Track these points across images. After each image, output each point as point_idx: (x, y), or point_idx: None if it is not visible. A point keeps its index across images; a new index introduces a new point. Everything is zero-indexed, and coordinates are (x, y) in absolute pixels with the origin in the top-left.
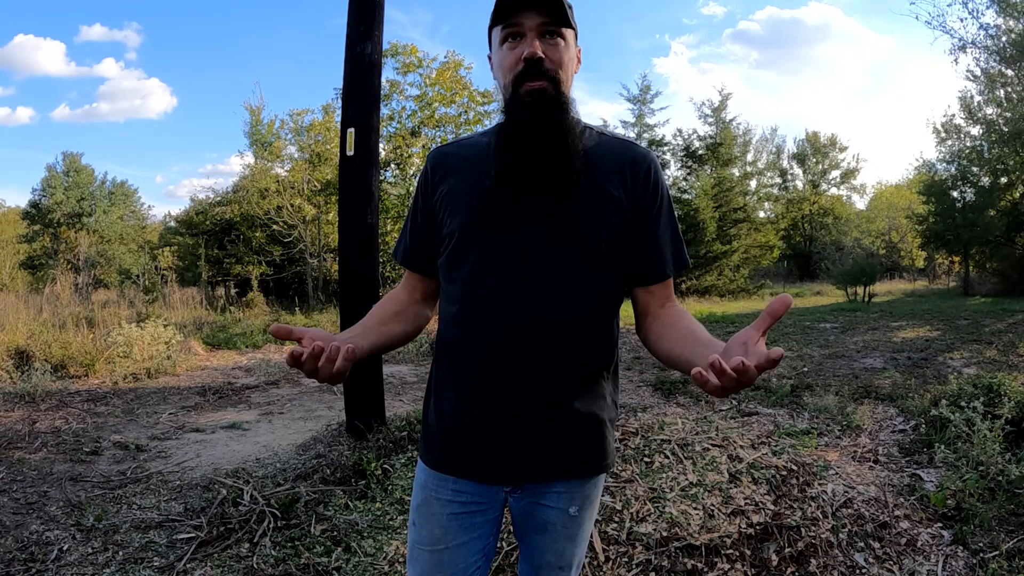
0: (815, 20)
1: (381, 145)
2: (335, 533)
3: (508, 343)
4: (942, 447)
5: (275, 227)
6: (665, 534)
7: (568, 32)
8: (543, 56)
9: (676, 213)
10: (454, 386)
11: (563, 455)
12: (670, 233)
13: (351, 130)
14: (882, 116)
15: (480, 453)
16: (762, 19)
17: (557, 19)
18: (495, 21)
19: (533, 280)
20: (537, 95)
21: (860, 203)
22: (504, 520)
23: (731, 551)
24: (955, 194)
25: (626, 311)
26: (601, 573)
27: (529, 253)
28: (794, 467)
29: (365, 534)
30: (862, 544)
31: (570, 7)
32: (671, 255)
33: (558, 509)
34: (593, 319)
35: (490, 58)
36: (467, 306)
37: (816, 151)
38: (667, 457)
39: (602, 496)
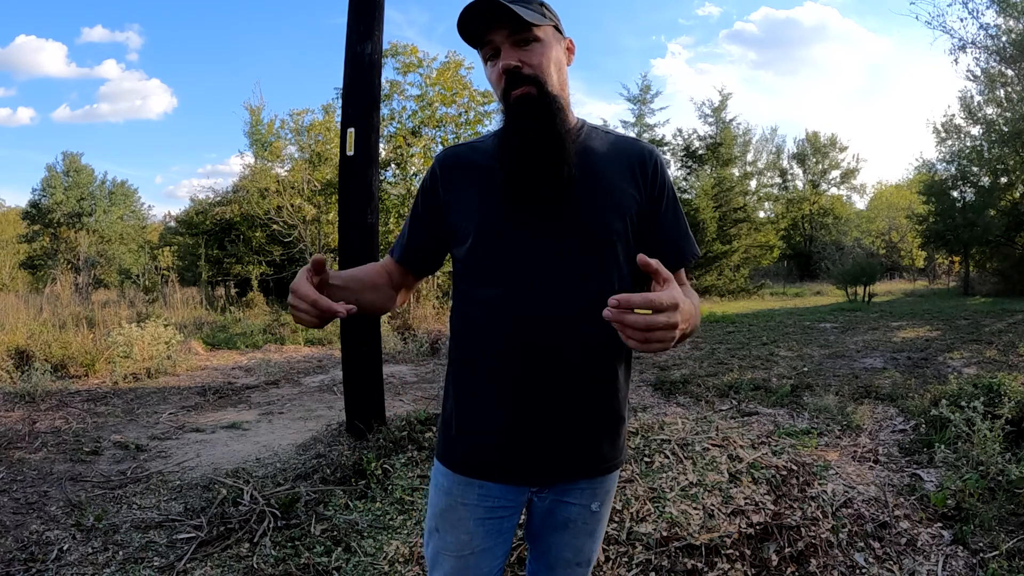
0: (811, 21)
1: (381, 145)
2: (335, 533)
3: (539, 343)
4: (942, 447)
5: (275, 227)
6: (665, 534)
7: (542, 30)
8: (519, 64)
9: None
10: (481, 389)
11: (590, 452)
12: (680, 224)
13: (351, 130)
14: (881, 116)
15: (511, 455)
16: (758, 20)
17: (520, 27)
18: (471, 45)
19: (557, 279)
20: (523, 100)
21: (860, 203)
22: None
23: (731, 551)
24: (955, 194)
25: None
26: (601, 573)
27: (549, 254)
28: (794, 467)
29: (365, 534)
30: (862, 544)
31: (541, 3)
32: (683, 245)
33: (580, 506)
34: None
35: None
36: (492, 308)
37: (816, 151)
38: (667, 457)
39: None
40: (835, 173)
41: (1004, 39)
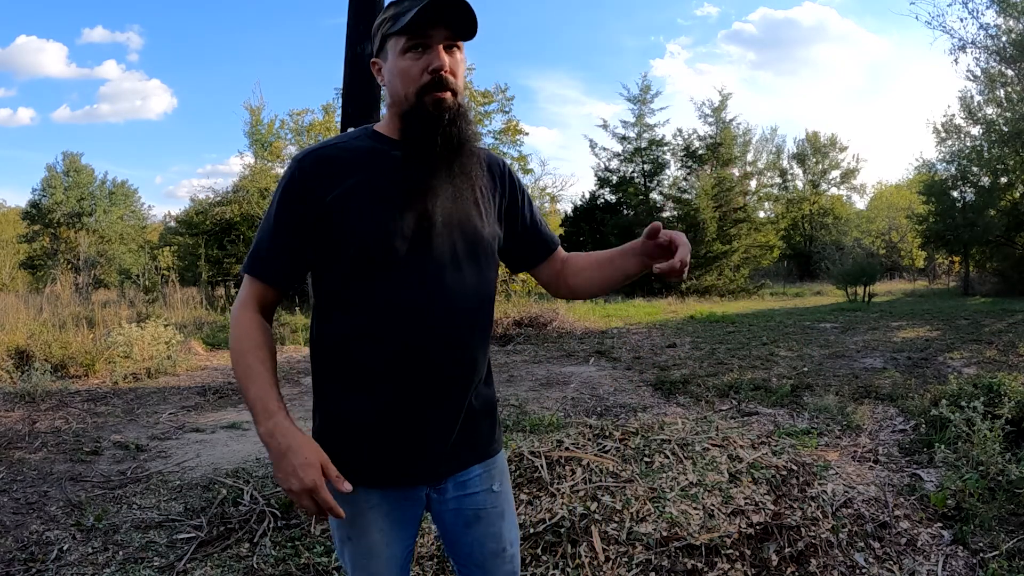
0: (810, 21)
1: None
2: None
3: (432, 347)
4: (942, 447)
5: None
6: (665, 534)
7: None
8: (449, 70)
9: (675, 213)
10: (371, 401)
11: (477, 439)
12: (540, 215)
13: (351, 130)
14: (881, 116)
15: (404, 461)
16: (756, 20)
17: (466, 33)
18: (402, 32)
19: (451, 283)
20: (441, 105)
21: (860, 203)
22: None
23: (731, 551)
24: (955, 194)
25: (625, 309)
26: (601, 573)
27: (445, 258)
28: (794, 467)
29: None
30: (862, 544)
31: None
32: (550, 230)
33: (483, 491)
34: (490, 310)
35: (376, 63)
36: (386, 316)
37: (816, 151)
38: (667, 457)
39: (602, 496)
40: (835, 173)
41: (1004, 39)
